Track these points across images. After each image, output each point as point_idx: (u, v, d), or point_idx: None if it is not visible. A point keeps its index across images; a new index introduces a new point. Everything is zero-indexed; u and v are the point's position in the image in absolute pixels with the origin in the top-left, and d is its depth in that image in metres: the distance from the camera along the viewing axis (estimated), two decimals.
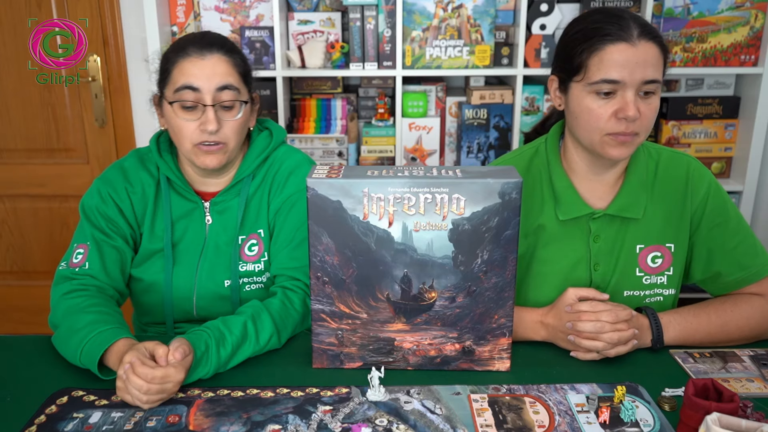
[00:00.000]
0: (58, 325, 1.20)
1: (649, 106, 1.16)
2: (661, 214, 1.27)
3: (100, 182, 1.35)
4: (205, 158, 1.28)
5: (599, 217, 1.26)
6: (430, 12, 2.29)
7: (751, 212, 2.45)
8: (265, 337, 1.18)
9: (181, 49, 1.27)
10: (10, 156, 2.66)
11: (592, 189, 1.28)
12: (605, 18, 1.17)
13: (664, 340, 1.19)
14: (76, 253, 1.29)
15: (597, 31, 1.16)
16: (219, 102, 1.26)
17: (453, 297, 1.11)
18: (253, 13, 2.39)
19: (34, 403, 1.06)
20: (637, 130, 1.16)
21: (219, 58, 1.27)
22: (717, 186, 1.29)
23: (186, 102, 1.25)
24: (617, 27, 1.14)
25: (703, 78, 2.45)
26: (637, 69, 1.13)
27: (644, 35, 1.14)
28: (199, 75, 1.25)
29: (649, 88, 1.15)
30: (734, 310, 1.22)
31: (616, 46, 1.14)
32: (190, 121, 1.26)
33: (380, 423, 1.00)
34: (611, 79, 1.14)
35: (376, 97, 2.49)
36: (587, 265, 1.28)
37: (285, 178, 1.36)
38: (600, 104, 1.16)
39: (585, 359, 1.16)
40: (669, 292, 1.29)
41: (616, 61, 1.13)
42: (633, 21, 1.15)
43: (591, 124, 1.18)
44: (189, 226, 1.36)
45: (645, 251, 1.27)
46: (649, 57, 1.14)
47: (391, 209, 1.06)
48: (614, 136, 1.17)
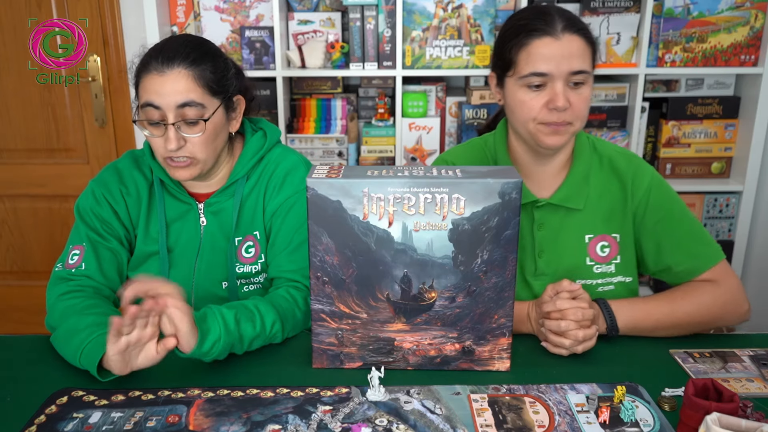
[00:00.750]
0: (55, 326, 1.20)
1: (579, 96, 1.21)
2: (606, 204, 1.33)
3: (95, 184, 1.35)
4: (175, 172, 1.27)
5: (543, 205, 1.31)
6: (430, 12, 2.29)
7: (751, 212, 2.46)
8: (269, 320, 1.18)
9: (145, 64, 1.23)
10: (10, 156, 2.66)
11: (537, 180, 1.33)
12: (532, 14, 1.23)
13: (617, 326, 1.23)
14: (71, 254, 1.29)
15: (523, 27, 1.22)
16: (182, 119, 1.22)
17: (453, 297, 1.11)
18: (253, 13, 2.39)
19: (34, 403, 1.06)
20: (569, 119, 1.22)
21: (179, 73, 1.21)
22: (659, 181, 1.33)
23: (150, 118, 1.23)
24: (542, 22, 1.20)
25: (703, 78, 2.45)
26: (562, 61, 1.19)
27: (568, 29, 1.19)
28: (160, 92, 1.20)
29: (578, 78, 1.20)
30: (684, 297, 1.26)
31: (542, 40, 1.20)
32: (157, 138, 1.24)
33: (380, 423, 1.00)
34: (539, 72, 1.20)
35: (376, 97, 2.49)
36: (532, 252, 1.33)
37: (281, 180, 1.35)
38: (531, 96, 1.22)
39: (555, 353, 1.19)
40: (620, 279, 1.33)
41: (542, 54, 1.19)
42: (558, 15, 1.21)
43: (524, 116, 1.24)
44: (184, 228, 1.35)
45: (594, 241, 1.32)
46: (574, 49, 1.19)
47: (391, 209, 1.06)
48: (547, 125, 1.22)
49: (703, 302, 1.26)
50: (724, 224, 2.50)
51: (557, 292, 1.18)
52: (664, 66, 2.34)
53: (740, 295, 1.28)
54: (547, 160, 1.32)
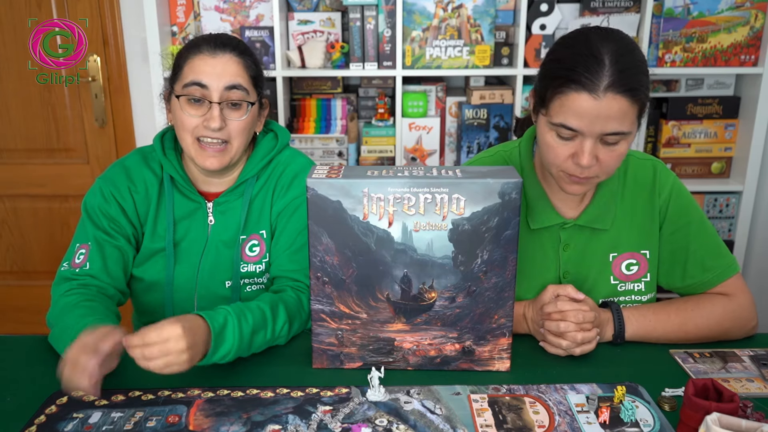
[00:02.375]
0: (53, 323, 1.21)
1: (611, 153, 1.12)
2: (633, 221, 1.28)
3: (103, 181, 1.35)
4: (206, 159, 1.28)
5: (569, 227, 1.27)
6: (430, 12, 2.29)
7: (751, 212, 2.46)
8: (279, 324, 1.18)
9: (195, 47, 1.28)
10: (10, 156, 2.66)
11: (564, 198, 1.28)
12: (581, 58, 1.09)
13: (625, 335, 1.21)
14: (78, 254, 1.29)
15: (567, 72, 1.09)
16: (226, 100, 1.27)
17: (453, 297, 1.11)
18: (253, 13, 2.39)
19: (34, 403, 1.06)
20: (593, 174, 1.15)
21: (230, 58, 1.27)
22: (680, 188, 1.29)
23: (193, 95, 1.25)
24: (587, 72, 1.07)
25: (703, 78, 2.45)
26: (597, 121, 1.08)
27: (612, 87, 1.06)
28: (209, 72, 1.25)
29: (612, 139, 1.11)
30: (695, 309, 1.23)
31: (580, 95, 1.08)
32: (194, 117, 1.26)
33: (380, 423, 1.00)
34: (569, 126, 1.10)
35: (376, 97, 2.49)
36: (556, 273, 1.29)
37: (289, 181, 1.36)
38: (559, 143, 1.14)
39: (552, 353, 1.18)
40: (647, 297, 1.30)
41: (576, 110, 1.09)
42: (610, 67, 1.07)
43: (549, 159, 1.17)
44: (191, 226, 1.36)
45: (618, 259, 1.29)
46: (613, 111, 1.08)
47: (391, 209, 1.06)
48: (569, 176, 1.16)
49: (714, 316, 1.23)
50: (724, 224, 2.50)
51: (558, 294, 1.18)
52: (664, 66, 2.34)
53: (751, 312, 1.26)
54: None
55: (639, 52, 1.13)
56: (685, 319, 1.22)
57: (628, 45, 1.12)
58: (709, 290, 1.28)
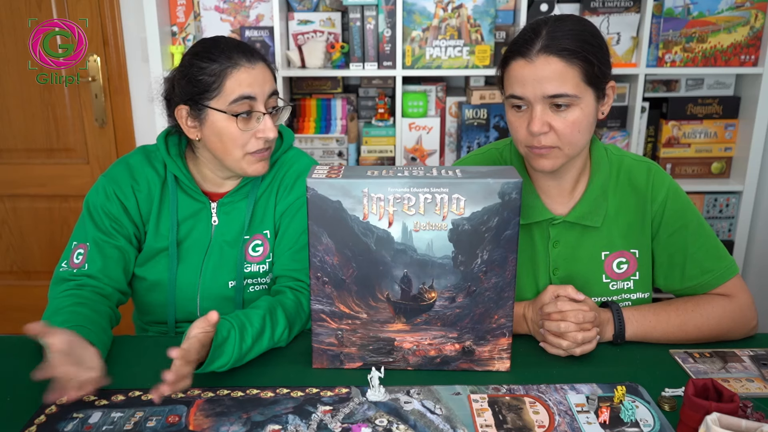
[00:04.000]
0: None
1: (564, 121, 1.14)
2: (624, 220, 1.28)
3: (106, 180, 1.35)
4: (257, 166, 1.30)
5: (559, 223, 1.27)
6: (430, 12, 2.29)
7: (751, 212, 2.46)
8: (279, 331, 1.18)
9: (227, 59, 1.24)
10: (10, 156, 2.66)
11: (552, 195, 1.29)
12: (522, 32, 1.17)
13: (625, 335, 1.21)
14: (76, 254, 1.29)
15: (510, 46, 1.18)
16: (271, 108, 1.29)
17: (453, 297, 1.11)
18: (253, 13, 2.39)
19: (34, 403, 1.06)
20: (551, 143, 1.16)
21: (264, 67, 1.28)
22: (676, 190, 1.29)
23: (244, 110, 1.25)
24: (522, 42, 1.14)
25: (703, 78, 2.45)
26: (536, 85, 1.12)
27: (544, 50, 1.12)
28: (254, 84, 1.25)
29: (560, 101, 1.13)
30: (695, 310, 1.23)
31: (517, 62, 1.15)
32: (246, 131, 1.26)
33: (380, 423, 1.00)
34: (515, 94, 1.15)
35: (376, 97, 2.49)
36: (546, 269, 1.29)
37: (293, 181, 1.36)
38: (516, 117, 1.18)
39: (553, 353, 1.18)
40: (637, 296, 1.30)
41: (516, 77, 1.15)
42: (546, 35, 1.13)
43: (515, 138, 1.21)
44: (195, 226, 1.35)
45: (610, 257, 1.29)
46: (548, 72, 1.12)
47: (391, 209, 1.06)
48: (531, 149, 1.18)
49: (714, 317, 1.23)
50: (724, 224, 2.50)
51: (558, 295, 1.18)
52: (664, 66, 2.34)
53: (751, 312, 1.26)
54: (558, 176, 1.26)
55: (590, 25, 1.18)
56: (686, 320, 1.23)
57: (578, 20, 1.18)
58: (707, 292, 1.28)
